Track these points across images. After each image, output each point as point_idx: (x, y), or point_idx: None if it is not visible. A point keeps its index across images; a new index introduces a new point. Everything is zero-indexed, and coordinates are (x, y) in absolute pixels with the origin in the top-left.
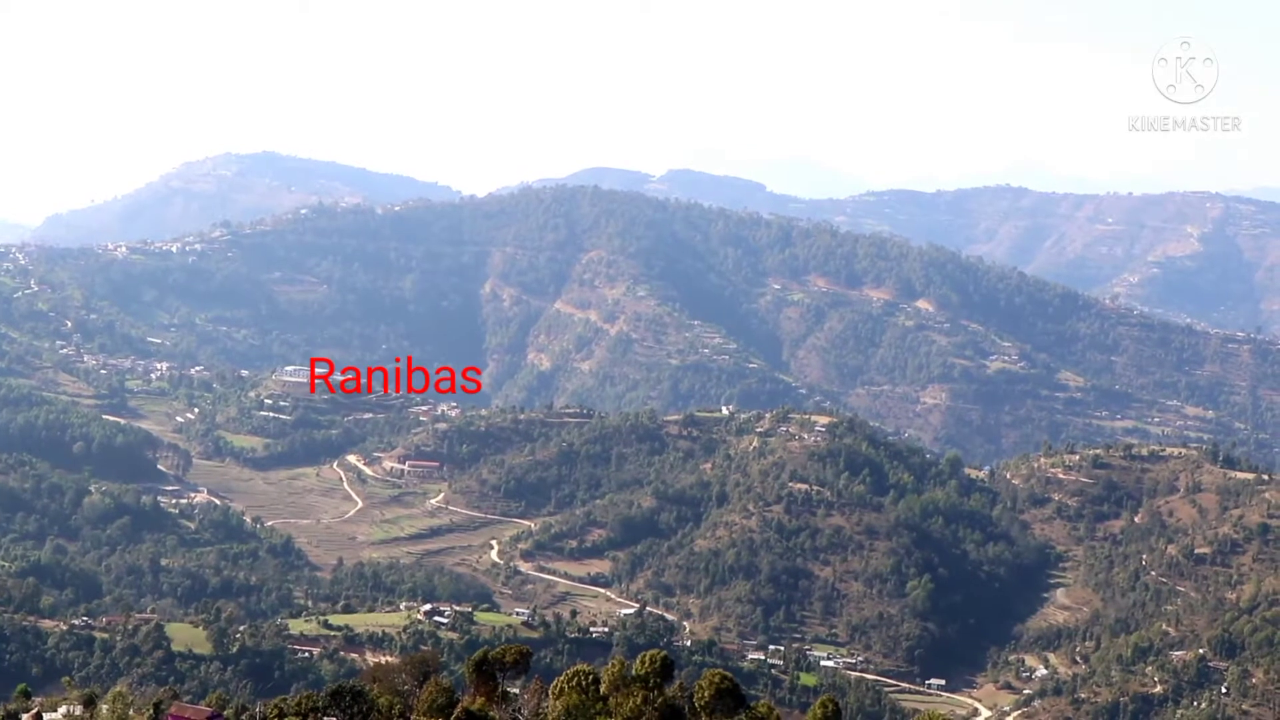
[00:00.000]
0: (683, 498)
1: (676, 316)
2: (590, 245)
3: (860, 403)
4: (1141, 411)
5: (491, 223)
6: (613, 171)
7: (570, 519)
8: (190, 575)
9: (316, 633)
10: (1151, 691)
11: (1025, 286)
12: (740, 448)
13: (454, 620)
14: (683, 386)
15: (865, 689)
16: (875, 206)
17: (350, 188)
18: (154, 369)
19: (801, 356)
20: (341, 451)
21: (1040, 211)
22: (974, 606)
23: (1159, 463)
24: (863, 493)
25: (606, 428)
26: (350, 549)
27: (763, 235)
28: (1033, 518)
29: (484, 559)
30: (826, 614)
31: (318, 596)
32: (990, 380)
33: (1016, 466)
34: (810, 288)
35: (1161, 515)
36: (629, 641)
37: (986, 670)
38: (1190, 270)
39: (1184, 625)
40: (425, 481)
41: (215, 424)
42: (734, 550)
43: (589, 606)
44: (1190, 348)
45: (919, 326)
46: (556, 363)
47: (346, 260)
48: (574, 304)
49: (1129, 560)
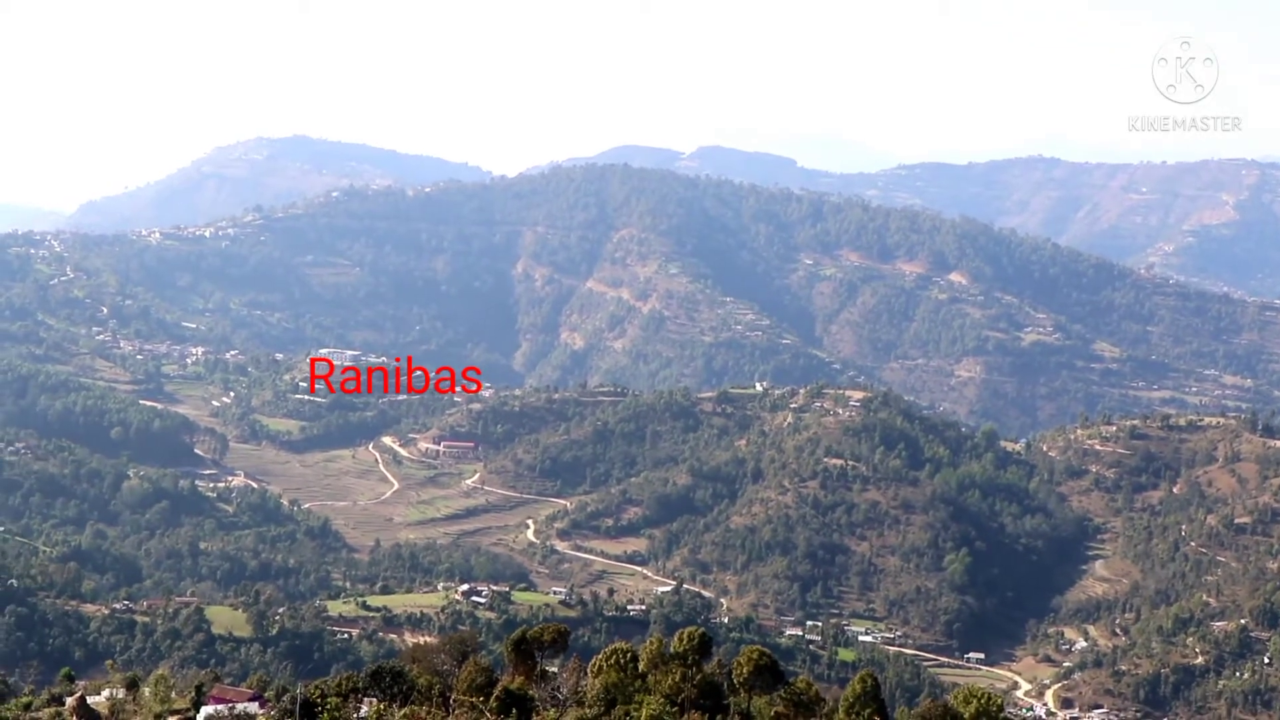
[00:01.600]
0: (718, 474)
1: (709, 293)
2: (621, 224)
3: (894, 377)
4: (1179, 381)
5: (522, 203)
6: (643, 149)
7: (606, 497)
8: (229, 558)
9: (355, 614)
10: (1193, 663)
11: (1059, 257)
12: (775, 424)
13: (491, 600)
14: (716, 363)
15: (904, 663)
16: (906, 180)
17: (381, 170)
18: (189, 354)
19: (835, 331)
20: (377, 433)
21: (1073, 182)
22: (1012, 580)
23: (1197, 432)
24: (898, 467)
25: (640, 406)
26: (387, 530)
27: (794, 211)
28: (1070, 490)
29: (520, 539)
30: (864, 589)
31: (356, 578)
32: (1025, 352)
33: (1053, 439)
34: (842, 262)
35: (1200, 485)
36: (666, 619)
37: (1025, 643)
38: (1226, 238)
39: (1225, 595)
40: (460, 462)
41: (251, 407)
42: (770, 526)
43: (626, 585)
44: (1227, 316)
45: (952, 299)
46: (589, 341)
47: (378, 242)
48: (606, 282)
49: (1168, 531)
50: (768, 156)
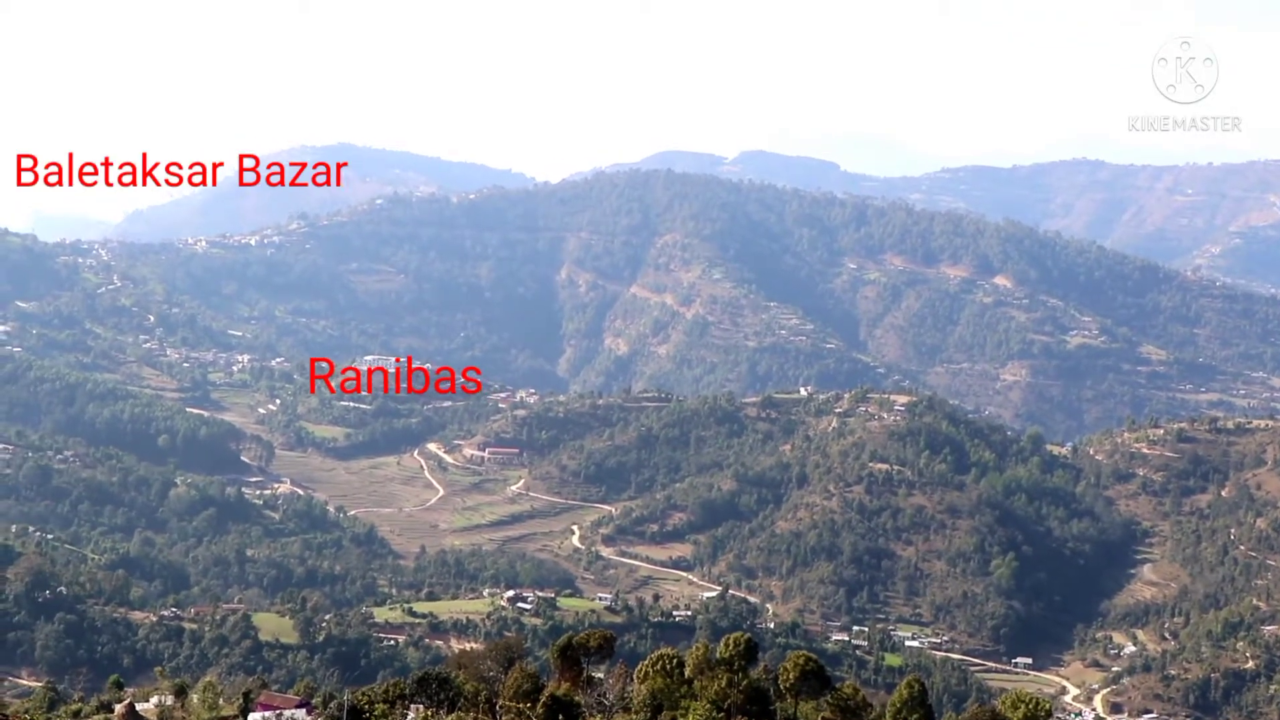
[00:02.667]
0: (763, 480)
1: (752, 298)
2: (664, 229)
3: (939, 381)
4: (1226, 384)
5: (566, 209)
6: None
7: (650, 503)
8: (275, 565)
9: (401, 620)
10: (1243, 667)
11: (1104, 260)
12: (819, 428)
13: (537, 606)
14: (760, 368)
15: (951, 669)
16: (950, 183)
17: (424, 177)
18: (235, 361)
19: (879, 336)
20: (422, 440)
21: (1118, 184)
22: (1059, 584)
23: (1245, 435)
24: (944, 471)
25: (685, 411)
26: (432, 537)
27: (837, 215)
28: (1117, 494)
29: (565, 544)
30: (910, 594)
31: (401, 584)
32: (1071, 356)
33: (1099, 442)
34: (886, 266)
35: (1249, 488)
36: (712, 625)
37: (1073, 648)
38: (1273, 240)
39: (1275, 599)
40: (505, 468)
41: (297, 415)
42: (815, 531)
43: (671, 590)
44: (1275, 318)
45: (997, 303)
46: (633, 347)
47: (422, 249)
48: (649, 288)
49: (1217, 535)
50: (810, 160)
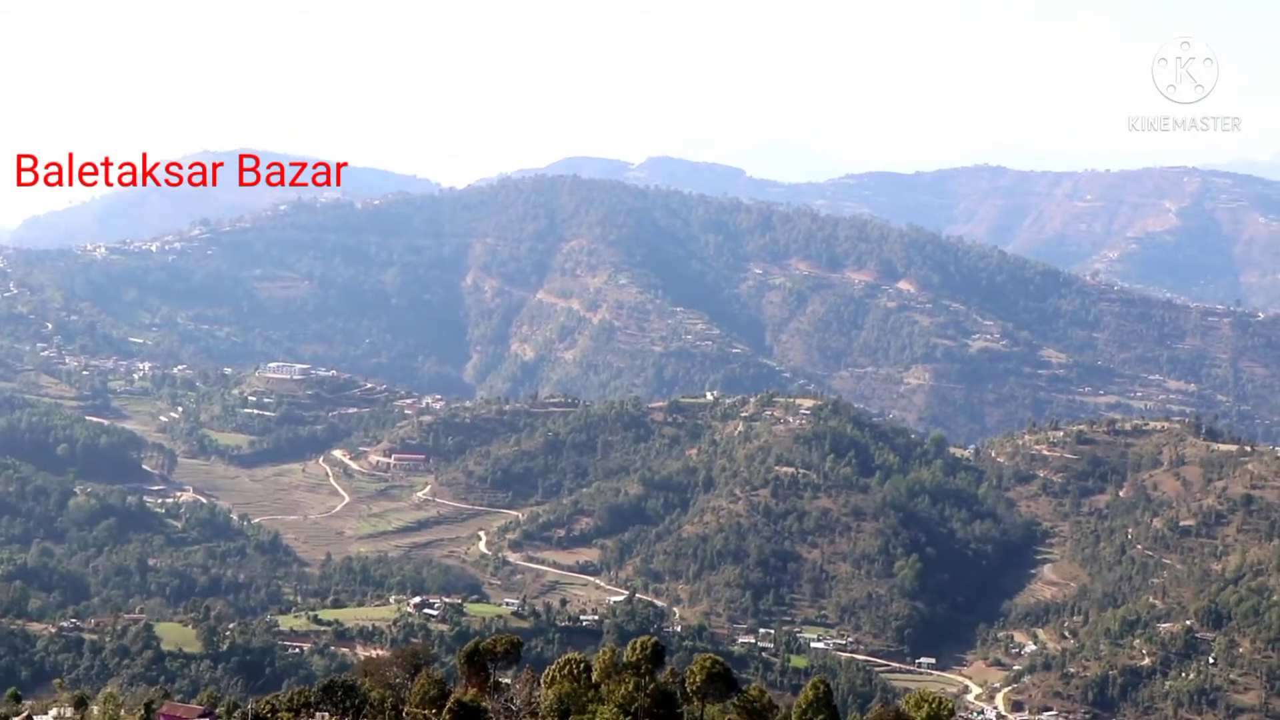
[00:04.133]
0: (669, 484)
1: (659, 303)
2: (571, 235)
3: (844, 385)
4: (1124, 386)
5: (472, 214)
6: (592, 160)
7: (558, 508)
8: (178, 574)
9: (306, 628)
10: (1140, 664)
11: (1006, 265)
12: (725, 433)
13: (444, 612)
14: (667, 373)
15: (856, 669)
16: (855, 189)
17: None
18: (136, 369)
19: (785, 340)
20: (327, 447)
21: (1019, 190)
22: (962, 585)
23: (1142, 437)
24: (849, 474)
25: (591, 416)
26: (338, 544)
27: (743, 220)
28: (1018, 495)
29: (472, 550)
30: (815, 596)
31: (307, 592)
32: (973, 359)
33: (1001, 444)
34: (792, 271)
35: (1146, 489)
36: (619, 629)
37: (976, 648)
38: (1169, 245)
39: (1170, 597)
40: (411, 474)
41: (199, 422)
42: (722, 535)
43: (578, 595)
44: (1171, 322)
45: (901, 307)
46: (540, 353)
47: (327, 255)
48: (556, 294)
49: (1115, 534)
50: (716, 166)
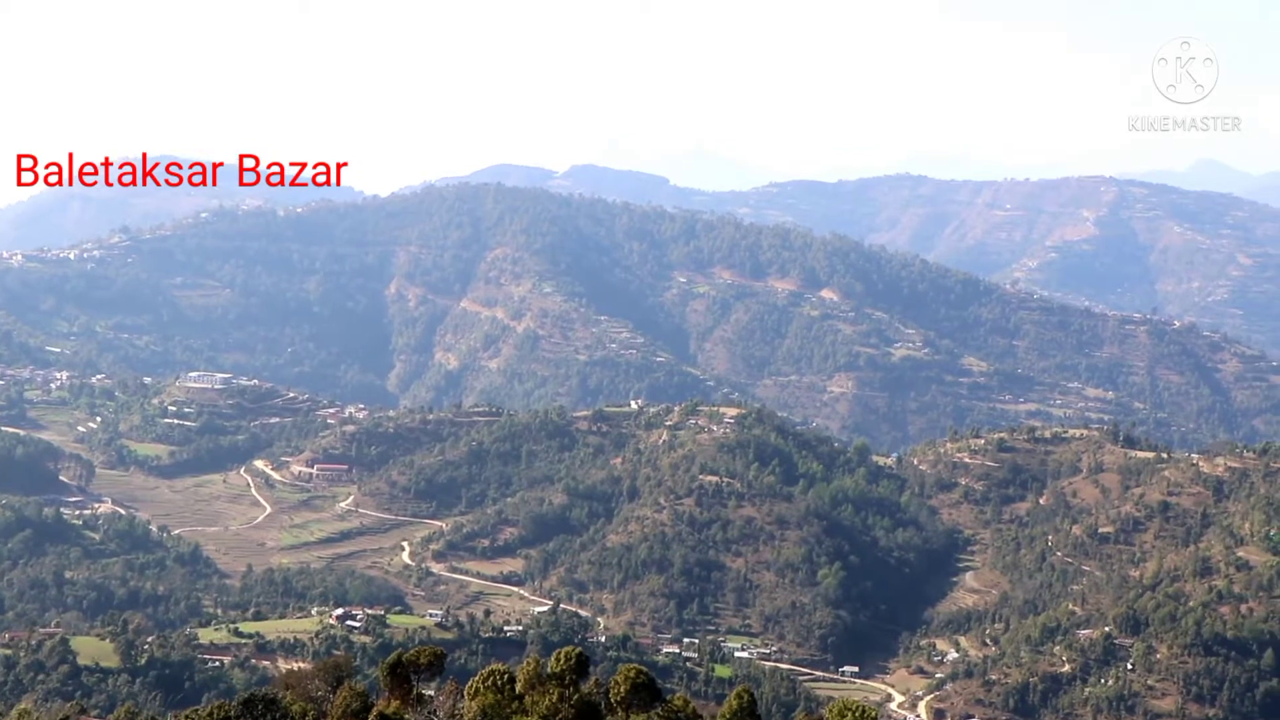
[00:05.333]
0: (594, 493)
1: (583, 312)
2: (495, 243)
3: (768, 393)
4: (1044, 394)
5: (395, 222)
6: (516, 168)
7: (481, 518)
8: (95, 587)
9: (227, 641)
10: (1060, 670)
11: (927, 273)
12: (650, 442)
13: (366, 624)
14: (591, 382)
15: (780, 678)
16: (778, 198)
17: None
18: (53, 378)
19: (709, 349)
20: (248, 457)
21: (940, 199)
22: (885, 593)
23: (1062, 444)
24: (773, 483)
25: (516, 425)
26: (260, 555)
27: (667, 229)
28: (940, 503)
29: (395, 561)
30: (740, 605)
31: (227, 604)
32: (895, 367)
33: (923, 452)
34: (715, 280)
35: (1066, 496)
36: (543, 639)
37: (899, 656)
38: (1087, 254)
39: (1090, 604)
40: (334, 485)
41: (118, 433)
42: (646, 544)
43: (502, 605)
44: (1089, 330)
45: (824, 316)
46: (464, 361)
47: (249, 263)
48: (480, 302)
49: (1035, 542)
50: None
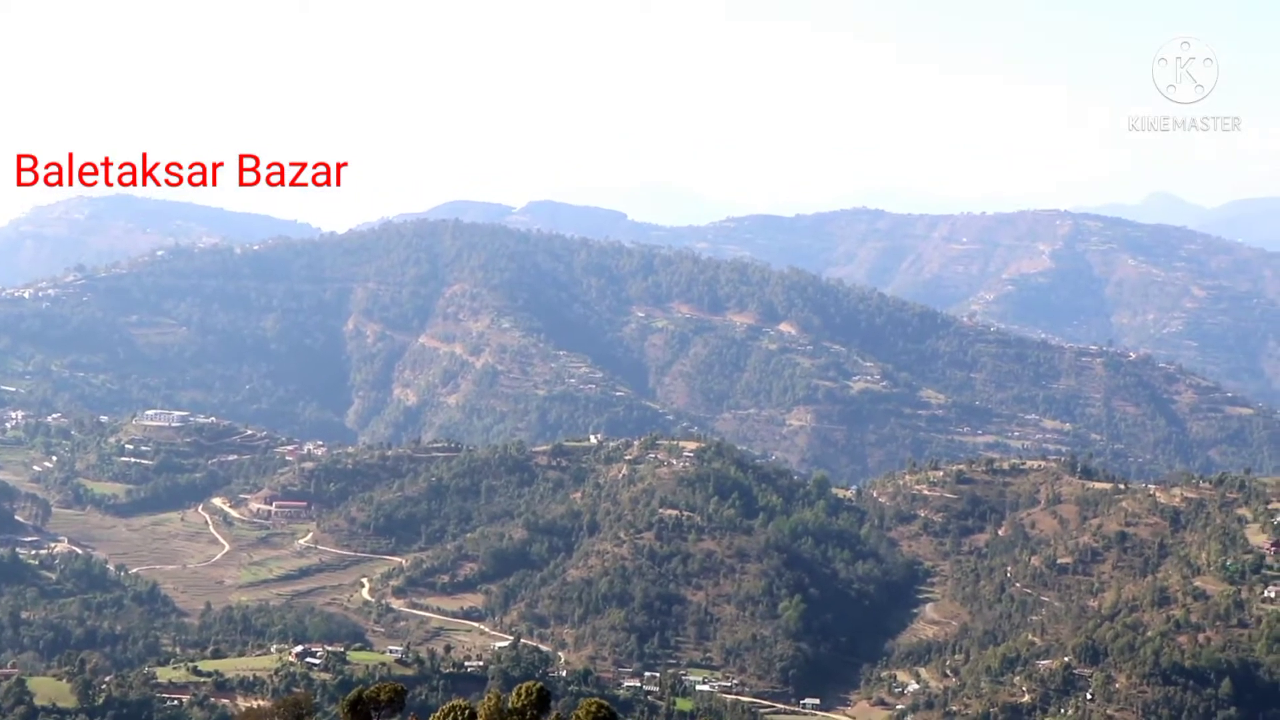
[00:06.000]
0: (554, 528)
1: (542, 347)
2: (453, 279)
3: (727, 427)
4: (1001, 426)
5: (353, 259)
6: (474, 204)
7: (441, 554)
8: (52, 627)
9: (185, 679)
10: (1020, 701)
11: (885, 307)
12: (609, 476)
13: (326, 661)
14: (550, 417)
15: (741, 711)
16: (736, 232)
17: (207, 228)
18: (8, 418)
19: (667, 383)
20: (206, 495)
21: (897, 233)
22: (846, 625)
23: (1020, 476)
24: (732, 516)
25: (475, 461)
26: (218, 593)
27: (625, 264)
28: (900, 535)
29: (355, 598)
30: (700, 638)
31: (186, 643)
32: (854, 400)
33: (882, 485)
34: (674, 315)
35: (1024, 527)
36: (504, 674)
37: (860, 688)
38: (1043, 287)
39: (1049, 634)
40: (293, 522)
41: (75, 472)
42: (606, 579)
43: (463, 641)
44: (1046, 362)
45: (782, 350)
46: (423, 398)
47: (205, 301)
48: (438, 338)
49: (994, 573)
50: (598, 210)
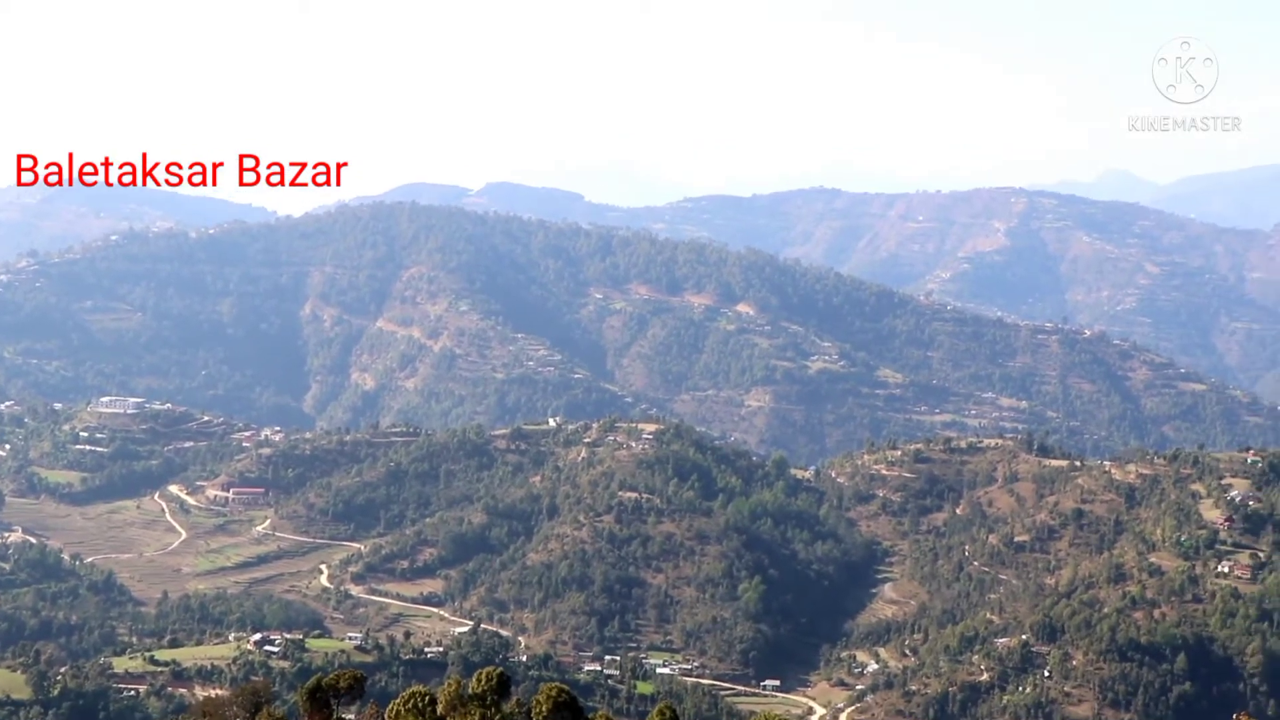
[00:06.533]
0: (513, 512)
1: (500, 330)
2: (410, 262)
3: (686, 409)
4: (959, 405)
5: (309, 243)
6: (430, 187)
7: (400, 539)
8: (6, 618)
9: (142, 669)
10: (978, 679)
11: (842, 286)
12: (569, 459)
13: (285, 648)
14: (509, 400)
15: (701, 694)
16: (693, 213)
17: (161, 212)
18: None
19: (626, 365)
20: (163, 482)
21: (854, 212)
22: (805, 606)
23: (977, 454)
24: (692, 498)
25: (434, 445)
26: (175, 581)
27: (583, 245)
28: (859, 515)
29: (314, 584)
30: (661, 621)
31: (142, 632)
32: (812, 380)
33: (841, 465)
34: (632, 296)
35: (982, 506)
36: (464, 660)
37: (820, 668)
38: (999, 264)
39: (1007, 613)
40: (251, 508)
41: (29, 460)
42: (566, 562)
43: (423, 627)
44: (1002, 340)
45: (740, 330)
46: (381, 382)
47: (160, 286)
48: (396, 322)
49: (952, 552)
50: (555, 191)
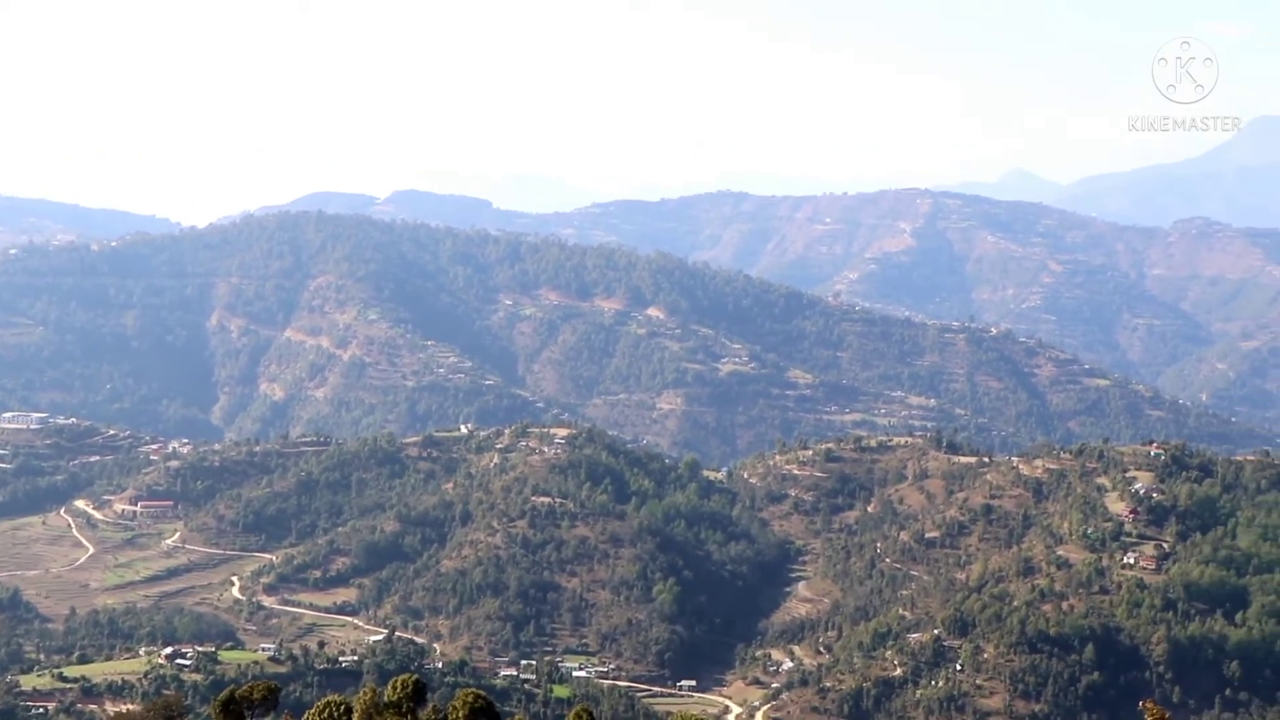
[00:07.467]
0: (426, 519)
1: (409, 338)
2: (318, 271)
3: (598, 413)
4: (868, 404)
5: (214, 253)
6: (337, 195)
7: (313, 549)
8: None
9: (51, 686)
10: (892, 675)
11: (751, 289)
12: (481, 465)
13: (197, 661)
14: (420, 408)
15: (618, 696)
16: (601, 218)
17: (62, 225)
18: None
19: (537, 370)
20: (68, 497)
21: (761, 215)
22: (720, 606)
23: (887, 452)
24: (605, 502)
25: (345, 454)
26: (83, 597)
27: (491, 252)
28: (771, 514)
29: (225, 596)
30: (576, 625)
31: (50, 649)
32: (723, 382)
33: (753, 465)
34: (542, 301)
35: (893, 503)
36: (379, 668)
37: (735, 668)
38: (905, 265)
39: (919, 608)
40: (159, 522)
41: None
42: (480, 568)
43: (337, 636)
44: (910, 339)
45: (651, 334)
46: (290, 392)
47: (63, 300)
48: (304, 331)
49: (864, 549)
50: (463, 198)
